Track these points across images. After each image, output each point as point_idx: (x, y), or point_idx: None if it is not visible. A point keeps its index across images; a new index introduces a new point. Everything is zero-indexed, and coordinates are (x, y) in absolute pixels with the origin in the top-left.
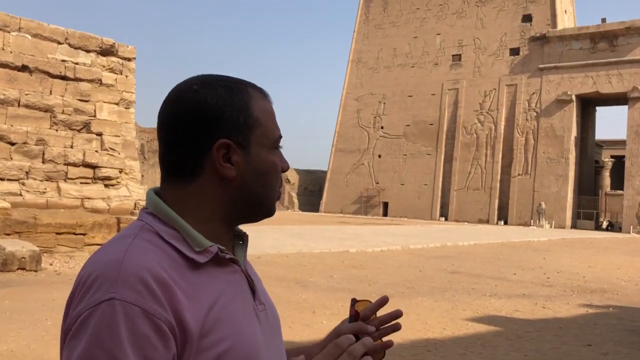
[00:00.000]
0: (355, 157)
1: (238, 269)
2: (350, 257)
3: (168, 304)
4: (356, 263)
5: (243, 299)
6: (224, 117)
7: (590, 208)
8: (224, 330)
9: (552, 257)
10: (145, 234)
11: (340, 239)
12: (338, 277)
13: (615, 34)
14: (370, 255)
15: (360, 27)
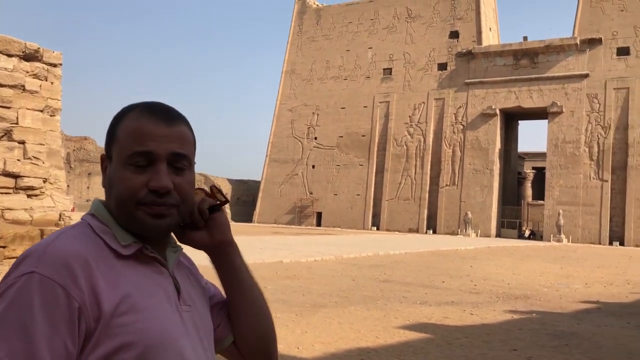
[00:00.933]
0: (289, 167)
1: (164, 270)
2: (284, 268)
3: (85, 284)
4: (290, 273)
5: (166, 296)
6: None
7: (513, 217)
8: (138, 315)
9: (478, 265)
10: (80, 227)
11: (273, 250)
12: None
13: (535, 51)
14: (304, 265)
15: (293, 38)
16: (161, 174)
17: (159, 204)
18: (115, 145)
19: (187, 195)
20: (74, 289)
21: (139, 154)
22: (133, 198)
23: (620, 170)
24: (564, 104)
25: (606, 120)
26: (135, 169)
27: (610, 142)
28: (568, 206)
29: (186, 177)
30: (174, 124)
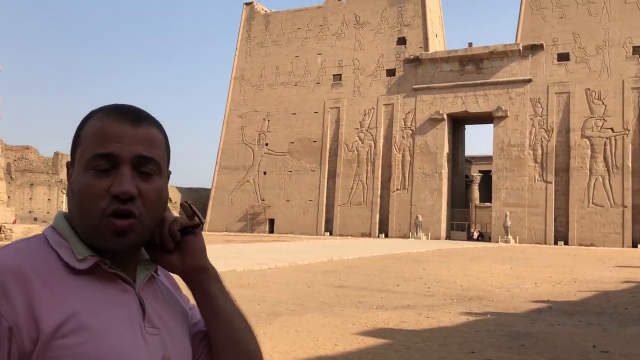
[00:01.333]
0: (240, 174)
1: (129, 288)
2: (237, 277)
3: (21, 301)
4: (243, 282)
5: (127, 316)
6: (73, 139)
7: (462, 220)
8: (86, 336)
9: (431, 267)
10: (33, 240)
11: (226, 258)
12: None
13: (480, 57)
14: (258, 273)
15: (242, 44)
16: (124, 178)
17: (122, 212)
18: (79, 149)
19: (154, 204)
20: (4, 307)
21: (101, 157)
22: (94, 207)
23: (563, 172)
24: (509, 109)
25: (549, 124)
26: (97, 174)
27: (553, 145)
28: (514, 208)
29: (154, 184)
30: (141, 124)
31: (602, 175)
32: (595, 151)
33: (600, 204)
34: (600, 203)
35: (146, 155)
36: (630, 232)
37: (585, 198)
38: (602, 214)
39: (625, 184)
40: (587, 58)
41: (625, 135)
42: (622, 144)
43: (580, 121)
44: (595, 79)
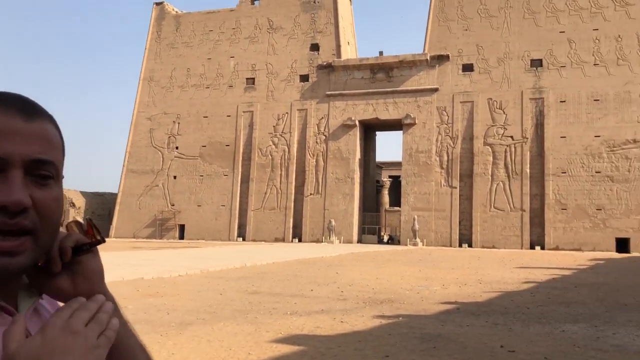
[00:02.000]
0: (149, 178)
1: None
2: (146, 285)
3: None
4: (152, 291)
5: None
6: None
7: (373, 223)
8: None
9: (343, 271)
10: None
11: (133, 266)
12: (133, 308)
13: (390, 66)
14: (167, 281)
15: (151, 45)
16: (14, 185)
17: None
18: None
19: (52, 216)
20: None
21: None
22: None
23: (467, 177)
24: (417, 116)
25: (454, 132)
26: None
27: (458, 152)
28: (422, 212)
29: (51, 192)
30: (34, 119)
31: (502, 181)
32: (496, 158)
33: (501, 208)
34: (501, 207)
35: (42, 157)
36: (528, 235)
37: (487, 202)
38: (503, 218)
39: (524, 189)
40: (489, 69)
41: (524, 143)
42: (521, 151)
43: (483, 129)
44: (497, 89)
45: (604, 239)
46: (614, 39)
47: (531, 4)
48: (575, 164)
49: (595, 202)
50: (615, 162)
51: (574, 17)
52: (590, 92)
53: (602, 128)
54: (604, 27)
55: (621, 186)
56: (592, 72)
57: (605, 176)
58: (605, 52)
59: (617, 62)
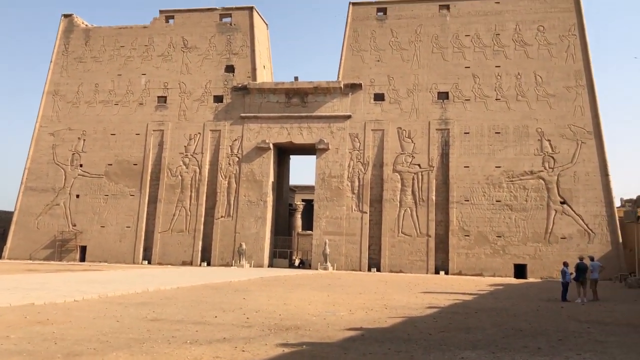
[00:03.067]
0: (49, 196)
1: None
2: (36, 311)
3: None
4: (42, 318)
5: None
6: None
7: (285, 247)
8: None
9: (251, 296)
10: None
11: (25, 290)
12: (16, 338)
13: (305, 91)
14: (60, 307)
15: (58, 58)
16: None
17: None
18: None
19: None
20: None
21: None
22: None
23: (377, 202)
24: (330, 142)
25: (365, 158)
26: None
27: (369, 178)
28: (333, 236)
29: None
30: None
31: (410, 207)
32: (405, 185)
33: (409, 233)
34: (409, 232)
35: None
36: (433, 260)
37: (395, 227)
38: (409, 243)
39: (430, 216)
40: (399, 99)
41: (431, 172)
42: (427, 179)
43: (393, 157)
44: (406, 119)
45: (504, 264)
46: (514, 76)
47: (439, 39)
48: (477, 192)
49: (496, 230)
50: (514, 191)
51: (479, 53)
52: (492, 125)
53: (503, 159)
54: (505, 64)
55: (519, 215)
56: (494, 106)
57: (505, 205)
58: (506, 88)
59: (517, 98)
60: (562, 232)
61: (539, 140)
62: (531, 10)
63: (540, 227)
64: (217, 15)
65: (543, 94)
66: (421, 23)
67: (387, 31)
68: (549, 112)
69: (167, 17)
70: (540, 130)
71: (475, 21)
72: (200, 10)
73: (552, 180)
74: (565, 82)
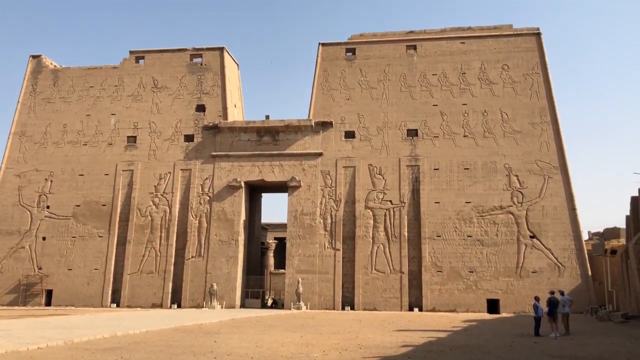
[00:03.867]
0: (14, 239)
1: None
2: None
3: None
4: None
5: None
6: None
7: (257, 287)
8: None
9: (222, 339)
10: None
11: None
12: None
13: (277, 129)
14: (23, 355)
15: (25, 98)
16: None
17: None
18: None
19: None
20: None
21: None
22: None
23: (350, 239)
24: (302, 179)
25: (337, 195)
26: None
27: (341, 215)
28: (306, 274)
29: None
30: None
31: (383, 244)
32: (377, 221)
33: (382, 270)
34: (382, 269)
35: None
36: (407, 297)
37: (369, 264)
38: (383, 280)
39: (403, 252)
40: (369, 137)
41: (402, 208)
42: (399, 215)
43: (364, 193)
44: (377, 155)
45: (476, 300)
46: (480, 113)
47: (407, 78)
48: (448, 228)
49: (468, 265)
50: (485, 226)
51: (446, 92)
52: (460, 161)
53: (472, 195)
54: (472, 102)
55: (490, 249)
56: (462, 142)
57: (476, 240)
58: (474, 125)
59: (484, 135)
60: (532, 266)
61: (507, 176)
62: (495, 50)
63: (511, 262)
64: (187, 56)
65: (509, 130)
66: (389, 63)
67: (357, 70)
68: (516, 148)
69: (138, 57)
70: (508, 166)
71: (441, 60)
72: (171, 51)
73: (522, 215)
74: (531, 118)
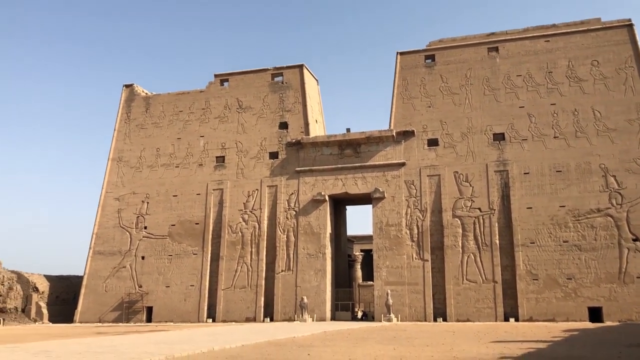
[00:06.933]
0: (116, 259)
1: None
2: None
3: None
4: None
5: None
6: None
7: (346, 299)
8: None
9: (315, 352)
10: None
11: (95, 354)
12: None
13: (358, 142)
14: None
15: (121, 125)
16: None
17: None
18: None
19: None
20: None
21: None
22: None
23: (438, 250)
24: (386, 190)
25: (423, 204)
26: None
27: (428, 224)
28: (395, 286)
29: None
30: None
31: (473, 253)
32: (466, 230)
33: (474, 280)
34: (474, 279)
35: None
36: (502, 307)
37: (459, 275)
38: (475, 290)
39: (495, 260)
40: (454, 144)
41: (492, 215)
42: (489, 222)
43: (451, 202)
44: (462, 162)
45: (577, 308)
46: (570, 112)
47: (490, 81)
48: (542, 234)
49: (565, 272)
50: (582, 231)
51: (532, 92)
52: (552, 163)
53: (566, 198)
54: (561, 101)
55: (589, 255)
56: (552, 144)
57: (573, 245)
58: (564, 125)
59: (576, 135)
60: (638, 271)
61: (604, 177)
62: (583, 46)
63: (613, 267)
64: (269, 75)
65: (603, 128)
66: (470, 67)
67: (437, 77)
68: (612, 146)
69: (222, 80)
70: (604, 166)
71: (526, 60)
72: (253, 72)
73: (622, 217)
74: (626, 115)
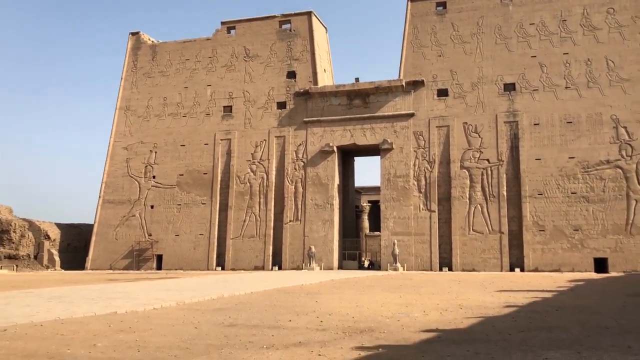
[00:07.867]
0: (126, 208)
1: None
2: (119, 320)
3: None
4: (125, 326)
5: None
6: None
7: (353, 249)
8: None
9: (323, 299)
10: None
11: (107, 299)
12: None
13: (367, 92)
14: (141, 315)
15: (128, 74)
16: None
17: None
18: None
19: None
20: None
21: None
22: None
23: (445, 201)
24: (394, 141)
25: (431, 156)
26: None
27: (436, 176)
28: (402, 236)
29: None
30: None
31: (480, 204)
32: (473, 181)
33: (480, 230)
34: (480, 230)
35: None
36: (507, 257)
37: (466, 225)
38: (481, 240)
39: (502, 212)
40: (463, 94)
41: (500, 166)
42: (497, 174)
43: (459, 153)
44: (472, 113)
45: (582, 259)
46: (583, 62)
47: (502, 30)
48: (550, 185)
49: (572, 223)
50: (590, 182)
51: (545, 41)
52: (563, 114)
53: (576, 150)
54: (574, 51)
55: (597, 206)
56: (564, 95)
57: (580, 197)
58: (576, 75)
59: (588, 85)
60: None
61: (614, 128)
62: None
63: (621, 219)
64: (276, 23)
65: (616, 79)
66: (483, 14)
67: (448, 25)
68: (624, 97)
69: (229, 28)
70: (615, 117)
71: (539, 8)
72: (260, 19)
73: (631, 169)
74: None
